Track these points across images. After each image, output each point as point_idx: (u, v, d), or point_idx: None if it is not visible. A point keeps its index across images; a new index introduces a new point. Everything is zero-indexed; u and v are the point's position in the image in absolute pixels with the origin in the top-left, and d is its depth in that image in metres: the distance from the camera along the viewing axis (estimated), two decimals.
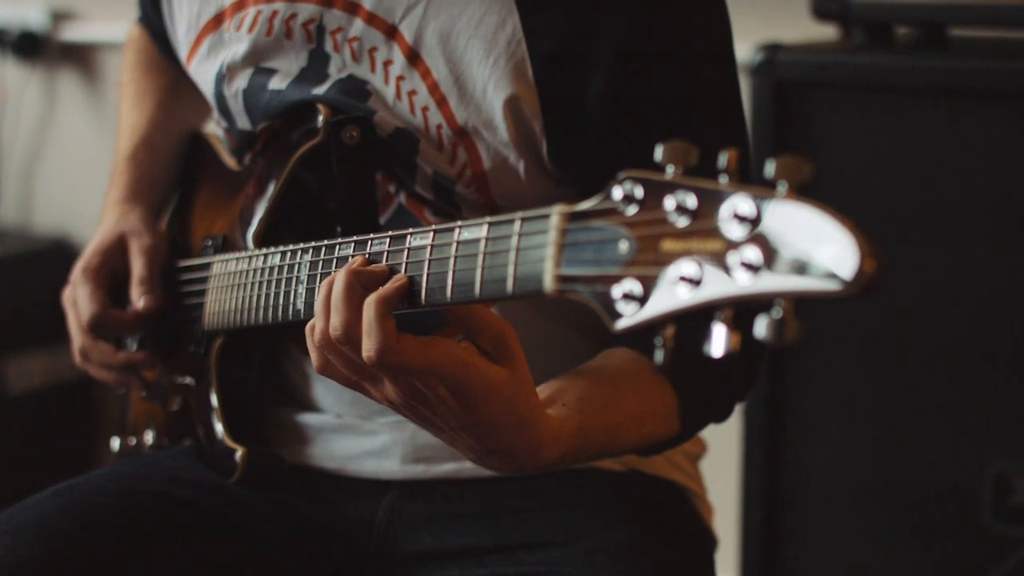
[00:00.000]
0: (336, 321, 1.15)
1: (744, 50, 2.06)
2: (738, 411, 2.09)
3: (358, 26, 1.44)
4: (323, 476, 1.56)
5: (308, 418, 1.57)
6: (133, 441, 1.70)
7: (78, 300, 1.61)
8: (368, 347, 1.13)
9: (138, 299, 1.59)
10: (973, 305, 2.03)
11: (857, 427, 2.13)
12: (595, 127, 1.38)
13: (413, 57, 1.42)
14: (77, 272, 1.63)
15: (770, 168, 0.92)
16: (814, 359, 2.14)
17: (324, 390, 1.56)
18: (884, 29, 2.13)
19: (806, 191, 0.91)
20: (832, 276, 0.87)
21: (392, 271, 1.18)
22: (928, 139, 2.03)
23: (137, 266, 1.61)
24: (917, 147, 2.04)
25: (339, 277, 1.17)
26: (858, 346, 2.12)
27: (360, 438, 1.54)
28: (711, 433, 1.54)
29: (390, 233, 1.21)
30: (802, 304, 0.90)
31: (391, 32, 1.43)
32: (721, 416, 1.47)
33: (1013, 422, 2.03)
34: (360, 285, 1.16)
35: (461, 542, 1.49)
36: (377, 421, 1.53)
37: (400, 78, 1.43)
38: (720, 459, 1.85)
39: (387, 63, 1.43)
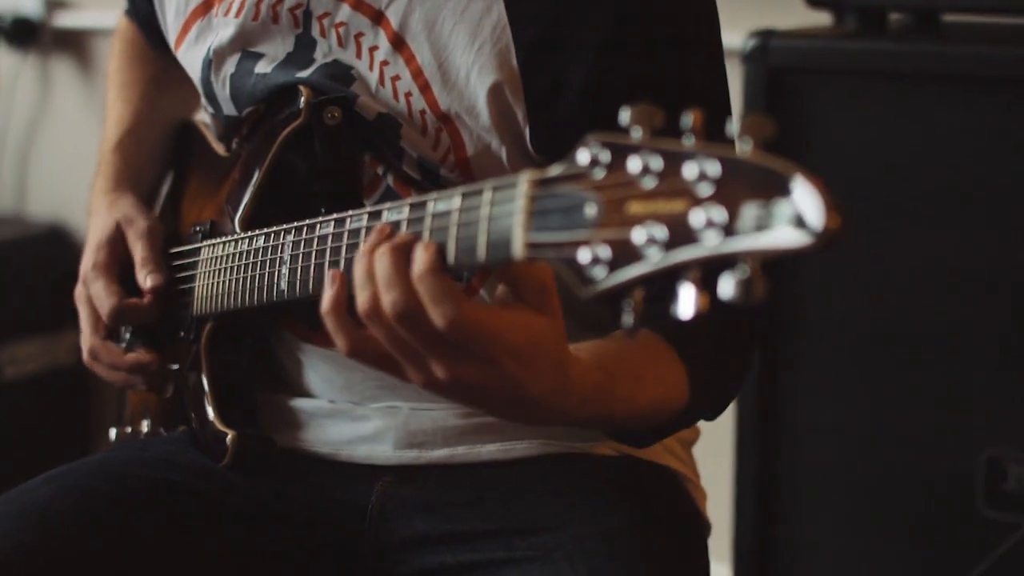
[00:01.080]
0: (392, 297, 1.10)
1: (737, 37, 2.07)
2: (737, 392, 2.10)
3: (345, 11, 1.45)
4: (316, 461, 1.56)
5: (301, 403, 1.57)
6: (129, 430, 1.71)
7: (94, 296, 1.61)
8: (442, 314, 1.08)
9: (144, 280, 1.59)
10: (966, 292, 2.03)
11: (850, 413, 2.13)
12: (578, 114, 1.38)
13: (398, 42, 1.43)
14: (87, 269, 1.62)
15: (734, 127, 0.92)
16: (807, 345, 2.14)
17: (316, 375, 1.56)
18: (877, 15, 2.13)
19: (770, 149, 0.92)
20: (797, 232, 0.88)
21: (414, 237, 1.13)
22: (922, 125, 2.03)
23: (138, 249, 1.61)
24: (911, 133, 2.04)
25: (380, 253, 1.12)
26: (851, 332, 2.12)
27: (353, 423, 1.54)
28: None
29: (367, 209, 1.21)
30: (771, 263, 0.91)
31: (377, 17, 1.43)
32: (721, 401, 1.47)
33: (1006, 408, 2.03)
34: (403, 256, 1.12)
35: (454, 527, 1.49)
36: (370, 407, 1.53)
37: (384, 63, 1.43)
38: (713, 445, 1.85)
39: (372, 48, 1.44)
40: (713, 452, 1.89)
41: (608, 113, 1.33)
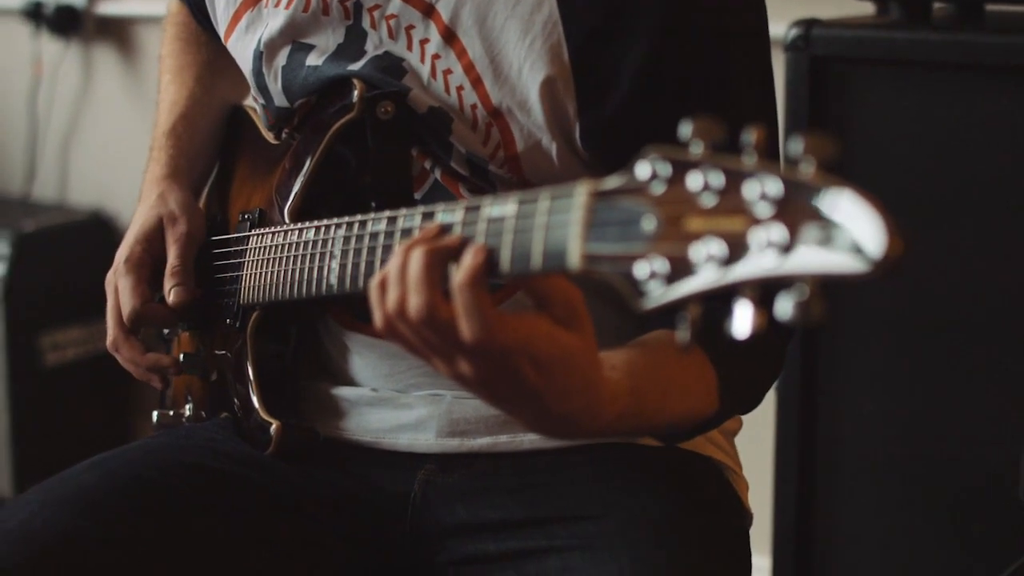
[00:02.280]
0: (417, 302, 1.11)
1: (780, 26, 2.06)
2: (772, 387, 2.10)
3: (395, 3, 1.45)
4: (359, 449, 1.57)
5: (344, 391, 1.58)
6: (172, 413, 1.71)
7: (121, 293, 1.61)
8: (470, 330, 1.09)
9: (169, 293, 1.59)
10: (1007, 282, 2.02)
11: (891, 404, 2.13)
12: (628, 109, 1.39)
13: (449, 36, 1.43)
14: (120, 260, 1.63)
15: (797, 146, 0.91)
16: (848, 336, 2.13)
17: (361, 363, 1.57)
18: (921, 5, 2.12)
19: (832, 169, 0.91)
20: (858, 256, 0.87)
21: (464, 240, 1.13)
22: (964, 115, 2.02)
23: (171, 255, 1.61)
24: (953, 124, 2.03)
25: (415, 254, 1.13)
26: (892, 323, 2.12)
27: (396, 411, 1.54)
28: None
29: (421, 209, 1.20)
30: (829, 284, 0.90)
31: (428, 10, 1.43)
32: (753, 400, 1.47)
33: None
34: (439, 261, 1.12)
35: (496, 515, 1.49)
36: (413, 395, 1.54)
37: (436, 56, 1.43)
38: (755, 435, 1.85)
39: (423, 41, 1.44)
40: (754, 443, 1.89)
41: (658, 108, 1.34)
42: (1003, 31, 2.07)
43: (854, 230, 0.88)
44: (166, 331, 1.74)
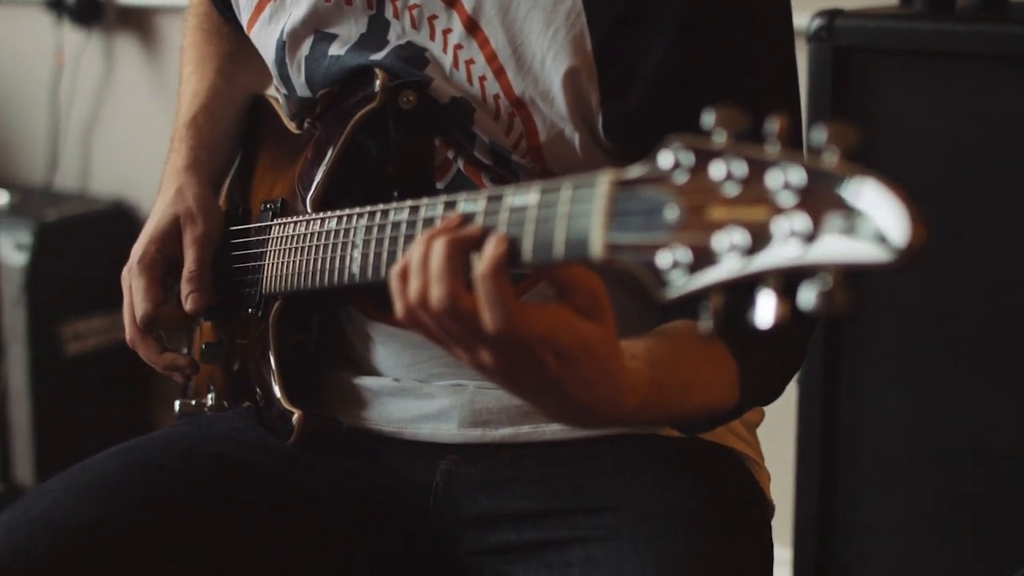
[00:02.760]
0: (439, 293, 1.11)
1: (803, 17, 2.06)
2: (794, 378, 2.10)
3: None
4: (380, 439, 1.57)
5: (366, 381, 1.58)
6: (194, 403, 1.72)
7: (134, 293, 1.62)
8: (492, 320, 1.09)
9: (185, 300, 1.60)
10: None
11: (912, 395, 2.12)
12: (651, 100, 1.38)
13: (472, 26, 1.42)
14: (135, 259, 1.63)
15: (820, 136, 0.91)
16: (870, 326, 2.13)
17: (384, 353, 1.57)
18: None
19: (855, 159, 0.91)
20: (882, 245, 0.87)
21: (486, 230, 1.12)
22: (988, 106, 2.02)
23: (188, 259, 1.61)
24: (977, 114, 2.03)
25: (437, 244, 1.12)
26: (914, 314, 2.11)
27: (418, 401, 1.54)
28: None
29: (443, 198, 1.20)
30: (853, 274, 0.90)
31: (451, 0, 1.43)
32: (774, 392, 1.47)
33: None
34: (461, 252, 1.12)
35: (518, 505, 1.49)
36: (435, 384, 1.54)
37: (458, 47, 1.43)
38: (776, 427, 1.84)
39: (446, 31, 1.44)
40: (776, 434, 1.89)
41: (681, 99, 1.33)
42: None
43: (878, 219, 0.87)
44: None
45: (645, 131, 1.32)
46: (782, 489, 1.89)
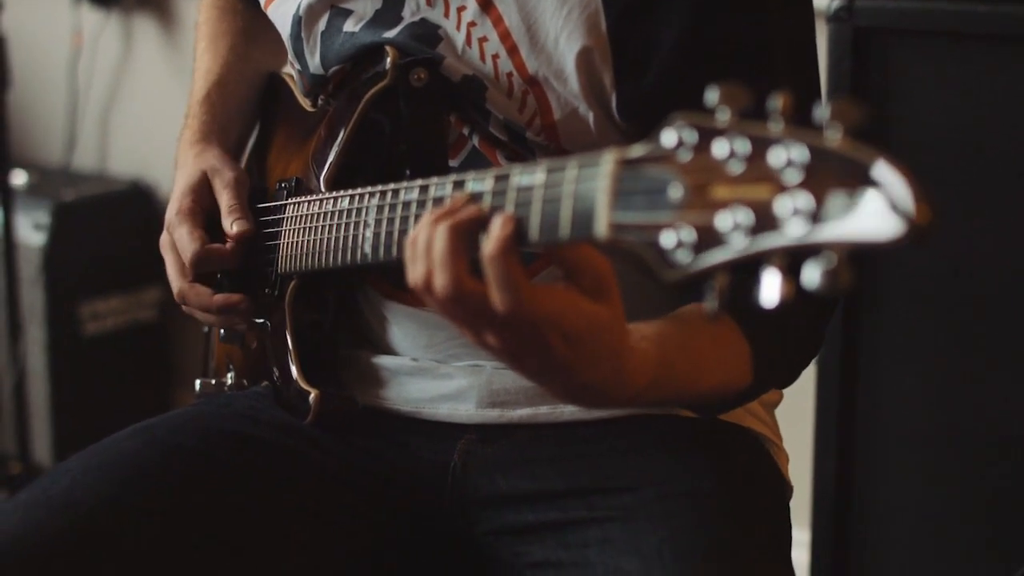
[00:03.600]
0: (443, 280, 1.11)
1: None
2: (812, 360, 2.09)
3: None
4: (398, 419, 1.57)
5: (384, 361, 1.58)
6: (214, 382, 1.72)
7: (177, 241, 1.60)
8: (502, 301, 1.09)
9: (231, 226, 1.58)
10: None
11: (932, 376, 2.12)
12: (665, 81, 1.38)
13: (486, 4, 1.42)
14: (171, 215, 1.62)
15: (823, 112, 0.91)
16: (889, 310, 2.12)
17: (401, 333, 1.57)
18: None
19: (860, 136, 0.90)
20: (886, 224, 0.86)
21: (491, 211, 1.12)
22: (1009, 88, 2.00)
23: (225, 198, 1.61)
24: (998, 96, 2.01)
25: (440, 230, 1.12)
26: (932, 297, 2.10)
27: (436, 381, 1.54)
28: None
29: (452, 178, 1.20)
30: (858, 253, 0.89)
31: None
32: (788, 376, 1.46)
33: None
34: (464, 236, 1.12)
35: (536, 486, 1.49)
36: (453, 365, 1.53)
37: (472, 24, 1.43)
38: (795, 408, 1.84)
39: (460, 8, 1.43)
40: (795, 416, 1.89)
41: (695, 80, 1.33)
42: None
43: (882, 197, 0.87)
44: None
45: (659, 111, 1.30)
46: (800, 470, 1.89)
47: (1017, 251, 2.02)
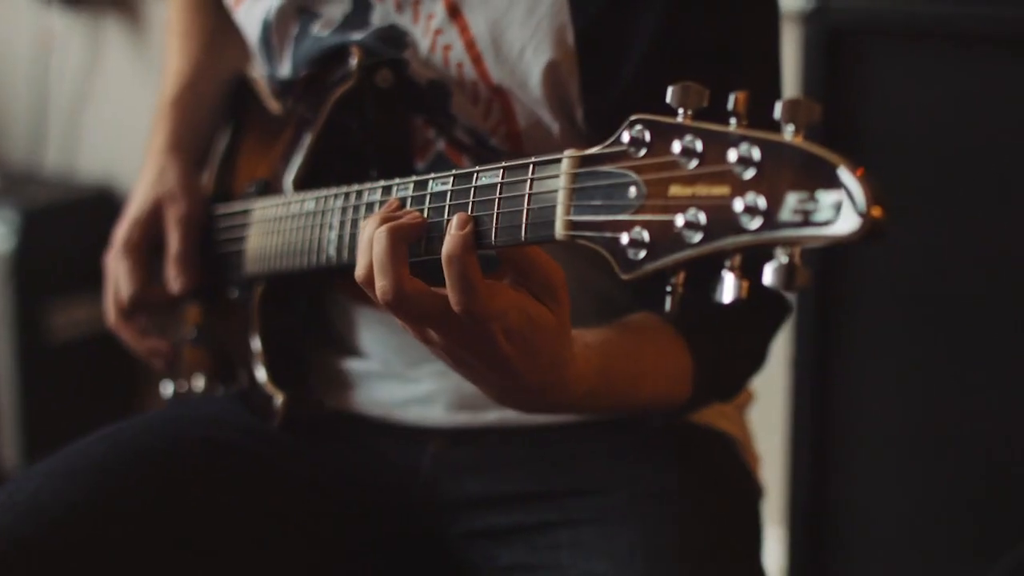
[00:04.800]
0: (384, 284, 1.11)
1: None
2: (785, 362, 2.09)
3: None
4: (368, 423, 1.56)
5: (353, 364, 1.57)
6: (185, 386, 1.71)
7: (118, 275, 1.62)
8: (460, 302, 1.09)
9: (173, 280, 1.60)
10: None
11: (905, 378, 2.12)
12: (633, 89, 1.37)
13: (454, 11, 1.41)
14: (118, 243, 1.63)
15: (777, 110, 0.90)
16: (863, 308, 2.13)
17: (369, 337, 1.56)
18: None
19: (824, 135, 0.89)
20: (839, 222, 0.86)
21: (425, 220, 1.14)
22: (983, 88, 2.01)
23: (173, 240, 1.61)
24: (971, 96, 2.02)
25: (379, 234, 1.13)
26: (907, 297, 2.11)
27: (405, 385, 1.54)
28: (758, 384, 1.53)
29: (413, 179, 1.20)
30: (814, 250, 0.89)
31: None
32: (729, 390, 1.47)
33: None
34: (402, 242, 1.12)
35: (507, 489, 1.49)
36: (423, 369, 1.53)
37: (438, 32, 1.42)
38: (766, 409, 1.84)
39: (429, 16, 1.42)
40: (765, 416, 1.88)
41: (662, 87, 1.32)
42: (1021, 4, 2.05)
43: (836, 194, 0.86)
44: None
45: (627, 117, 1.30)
46: (773, 471, 1.88)
47: (991, 252, 2.02)
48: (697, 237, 0.92)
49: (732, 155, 0.91)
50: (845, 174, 0.86)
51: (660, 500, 1.43)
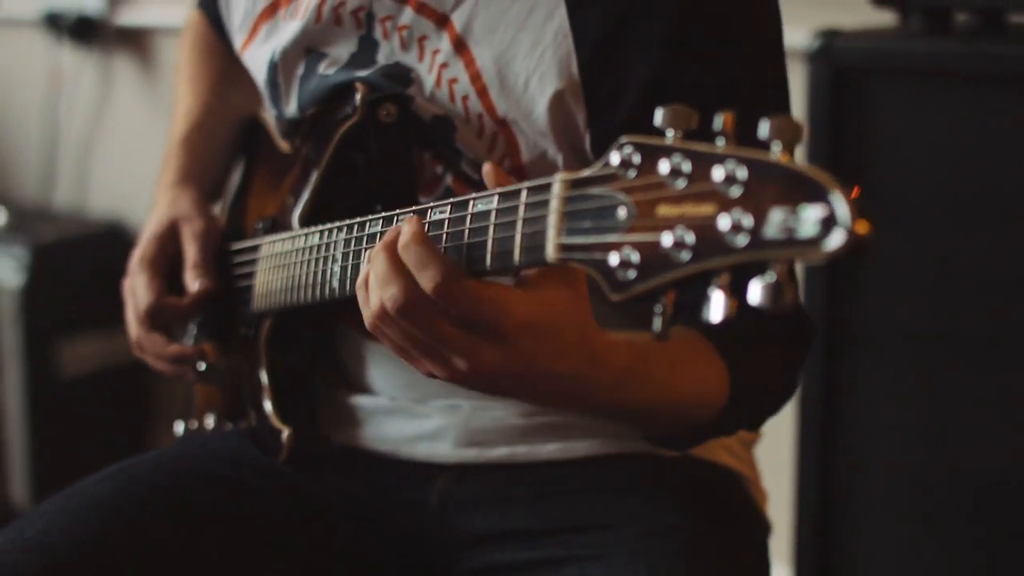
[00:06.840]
0: (393, 292, 1.13)
1: (801, 36, 2.06)
2: (792, 397, 2.09)
3: (408, 15, 1.44)
4: (376, 459, 1.56)
5: (361, 400, 1.57)
6: (196, 425, 1.71)
7: (136, 290, 1.62)
8: (428, 278, 1.11)
9: (192, 282, 1.60)
10: None
11: (912, 415, 2.12)
12: (638, 118, 1.37)
13: (460, 45, 1.42)
14: (135, 262, 1.63)
15: (763, 129, 0.91)
16: (869, 346, 2.13)
17: (378, 372, 1.56)
18: (943, 15, 2.11)
19: (825, 164, 0.90)
20: (823, 238, 0.86)
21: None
22: (987, 127, 2.01)
23: (190, 251, 1.62)
24: (975, 135, 2.02)
25: (375, 254, 1.15)
26: (914, 335, 2.11)
27: (413, 421, 1.54)
28: None
29: (413, 208, 1.22)
30: (819, 286, 0.90)
31: (442, 21, 1.43)
32: (760, 412, 1.45)
33: None
34: (397, 253, 1.15)
35: (513, 525, 1.49)
36: (431, 404, 1.53)
37: (443, 65, 1.43)
38: (774, 445, 1.84)
39: (435, 52, 1.43)
40: (773, 453, 1.88)
41: None
42: None
43: (820, 211, 0.87)
44: (189, 341, 1.73)
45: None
46: (780, 508, 1.88)
47: (996, 281, 2.03)
48: (686, 256, 0.93)
49: (719, 174, 0.92)
50: (830, 191, 0.87)
51: (667, 536, 1.43)
